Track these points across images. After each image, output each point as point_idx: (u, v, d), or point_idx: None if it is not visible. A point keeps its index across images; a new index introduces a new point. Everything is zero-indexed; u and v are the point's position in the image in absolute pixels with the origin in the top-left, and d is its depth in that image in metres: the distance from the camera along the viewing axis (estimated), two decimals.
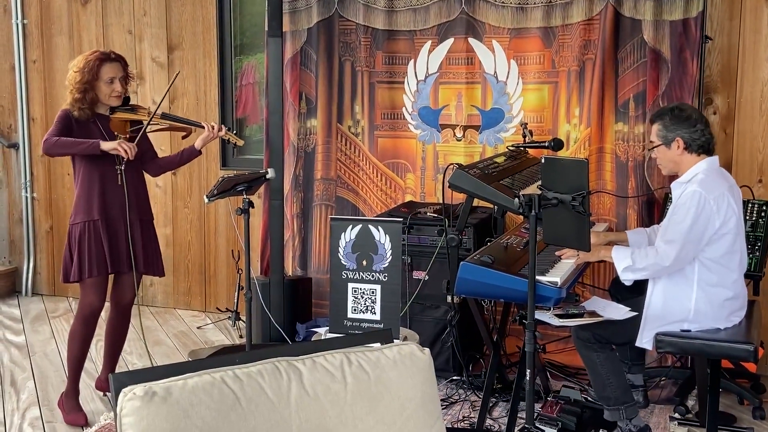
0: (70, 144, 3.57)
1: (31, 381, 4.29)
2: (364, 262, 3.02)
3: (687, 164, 3.27)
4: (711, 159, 3.27)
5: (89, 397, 3.99)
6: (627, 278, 3.23)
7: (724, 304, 3.22)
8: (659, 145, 3.30)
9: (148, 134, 3.86)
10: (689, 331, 3.22)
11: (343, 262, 3.05)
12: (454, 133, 4.68)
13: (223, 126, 3.87)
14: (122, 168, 3.67)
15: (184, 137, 4.02)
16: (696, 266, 3.19)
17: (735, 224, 3.17)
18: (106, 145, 3.55)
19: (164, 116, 3.85)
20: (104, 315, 3.79)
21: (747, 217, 3.80)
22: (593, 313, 3.30)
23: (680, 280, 3.22)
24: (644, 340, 3.26)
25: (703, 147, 3.26)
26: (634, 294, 3.50)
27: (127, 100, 3.79)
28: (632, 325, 3.26)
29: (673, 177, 3.42)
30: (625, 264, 3.19)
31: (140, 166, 3.82)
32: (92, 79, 3.61)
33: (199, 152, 3.89)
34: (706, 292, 3.20)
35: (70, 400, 3.78)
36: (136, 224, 3.73)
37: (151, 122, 3.72)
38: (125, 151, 3.54)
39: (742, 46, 4.24)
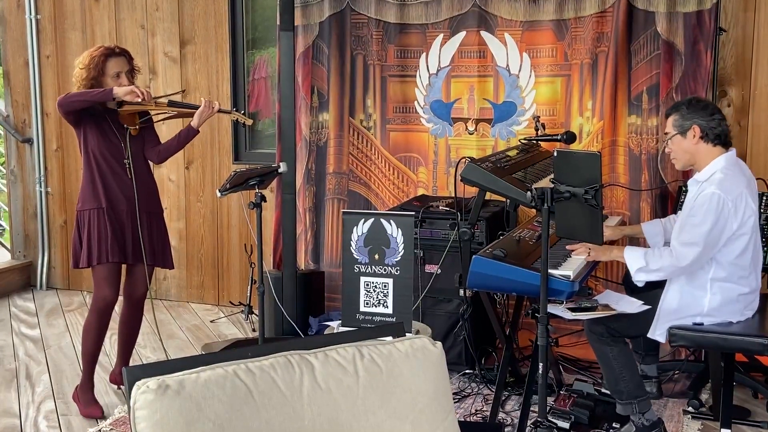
0: (83, 94, 3.57)
1: (46, 374, 4.32)
2: (377, 256, 3.03)
3: (703, 157, 3.23)
4: (728, 155, 3.23)
5: (104, 391, 4.02)
6: (640, 279, 3.21)
7: (739, 299, 3.21)
8: (675, 135, 3.27)
9: (155, 123, 3.88)
10: (702, 324, 3.20)
11: (355, 255, 3.05)
12: (467, 126, 4.67)
13: (217, 103, 3.82)
14: (130, 162, 3.68)
15: None
16: (713, 265, 3.17)
17: (753, 224, 3.15)
18: (120, 90, 3.55)
19: (171, 104, 3.85)
20: (117, 309, 3.81)
21: (761, 211, 3.77)
22: (606, 307, 3.29)
23: (695, 278, 3.20)
24: (657, 332, 3.25)
25: (720, 137, 3.22)
26: (647, 287, 3.48)
27: None
28: (646, 319, 3.25)
29: (687, 172, 3.40)
30: (639, 265, 3.17)
31: (147, 157, 3.83)
32: (98, 74, 3.62)
33: (197, 131, 3.79)
34: (722, 288, 3.18)
35: (85, 393, 3.81)
36: (143, 216, 3.74)
37: (157, 106, 3.72)
38: (140, 94, 3.54)
39: (757, 38, 4.21)
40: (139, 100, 3.57)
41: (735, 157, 3.27)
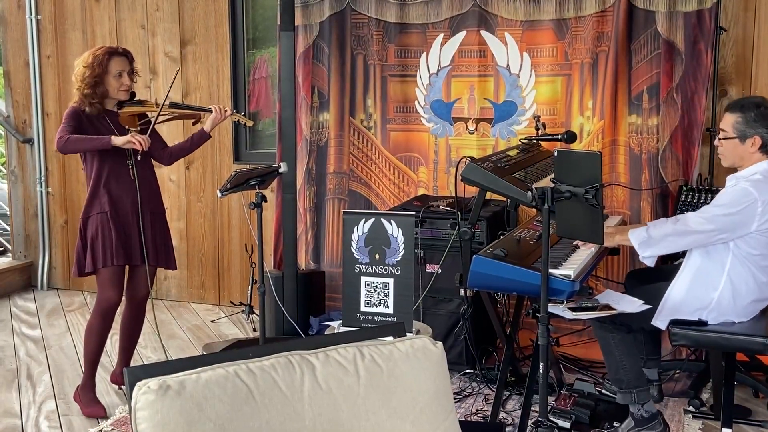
0: (82, 141, 3.61)
1: (47, 374, 4.32)
2: (377, 256, 3.03)
3: (751, 162, 3.19)
4: None
5: (105, 391, 4.02)
6: (646, 255, 3.18)
7: (749, 305, 3.20)
8: (733, 138, 3.20)
9: (157, 125, 3.89)
10: (706, 323, 3.20)
11: (355, 255, 3.05)
12: (467, 126, 4.67)
13: (229, 108, 3.88)
14: (133, 162, 3.69)
15: (194, 123, 4.07)
16: (729, 257, 3.15)
17: None
18: (118, 140, 3.58)
19: (172, 105, 3.89)
20: (119, 309, 3.80)
21: None
22: (607, 306, 3.28)
23: (712, 267, 3.18)
24: (659, 320, 3.24)
25: None
26: (647, 282, 3.47)
27: (133, 95, 3.81)
28: (648, 316, 3.25)
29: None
30: (641, 239, 3.16)
31: (151, 158, 3.84)
32: (102, 73, 3.64)
33: (209, 135, 3.89)
34: (734, 285, 3.16)
35: (87, 392, 3.81)
36: (147, 217, 3.75)
37: (160, 112, 3.74)
38: (139, 143, 3.57)
39: (757, 37, 4.20)
40: (138, 149, 3.60)
41: None
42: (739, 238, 3.12)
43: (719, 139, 3.28)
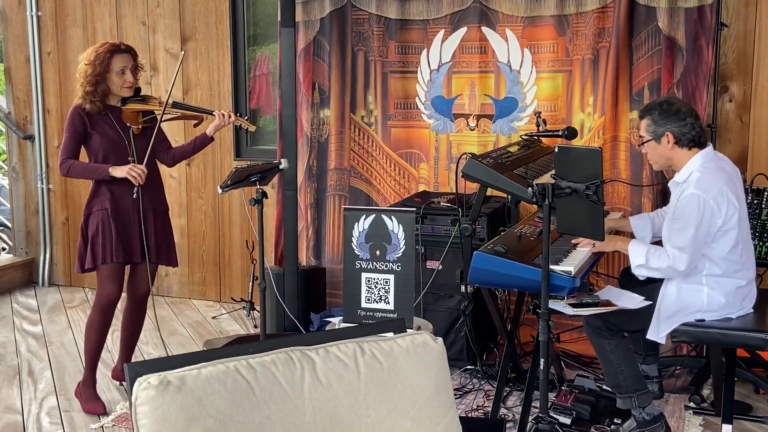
0: (82, 171, 3.68)
1: (48, 371, 4.32)
2: (378, 252, 3.03)
3: (680, 159, 3.22)
4: (704, 152, 3.21)
5: (106, 387, 4.03)
6: (640, 274, 3.23)
7: (738, 292, 3.21)
8: (649, 141, 3.25)
9: (161, 124, 3.89)
10: (704, 320, 3.20)
11: (356, 252, 3.05)
12: (468, 122, 4.66)
13: (233, 113, 3.89)
14: (135, 160, 3.69)
15: (195, 125, 4.06)
16: (706, 262, 3.17)
17: (738, 219, 3.14)
18: (117, 172, 3.62)
19: (175, 105, 3.89)
20: (120, 306, 3.81)
21: (763, 205, 3.77)
22: (607, 303, 3.29)
23: (690, 275, 3.20)
24: (660, 335, 3.24)
25: (694, 141, 3.20)
26: (645, 283, 3.48)
27: (138, 91, 3.81)
28: (646, 314, 3.25)
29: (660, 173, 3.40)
30: (640, 261, 3.19)
31: (155, 157, 3.84)
32: (104, 71, 3.64)
33: (212, 139, 3.91)
34: (718, 283, 3.18)
35: (88, 389, 3.82)
36: (149, 215, 3.75)
37: (164, 113, 3.74)
38: (135, 177, 3.61)
39: (759, 33, 4.20)
40: (135, 183, 3.62)
41: (712, 153, 3.24)
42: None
43: (640, 146, 3.34)
